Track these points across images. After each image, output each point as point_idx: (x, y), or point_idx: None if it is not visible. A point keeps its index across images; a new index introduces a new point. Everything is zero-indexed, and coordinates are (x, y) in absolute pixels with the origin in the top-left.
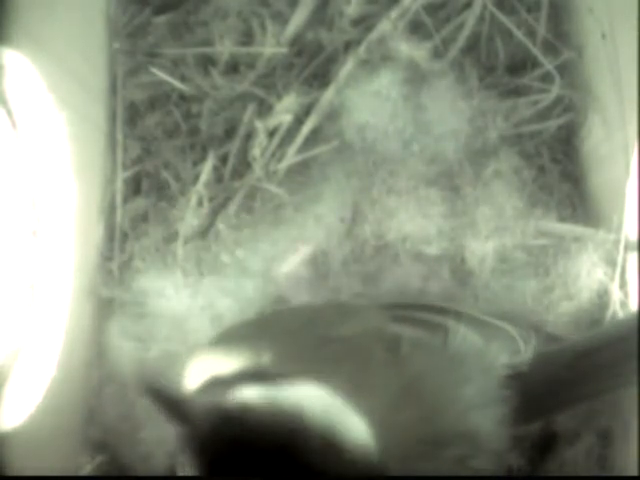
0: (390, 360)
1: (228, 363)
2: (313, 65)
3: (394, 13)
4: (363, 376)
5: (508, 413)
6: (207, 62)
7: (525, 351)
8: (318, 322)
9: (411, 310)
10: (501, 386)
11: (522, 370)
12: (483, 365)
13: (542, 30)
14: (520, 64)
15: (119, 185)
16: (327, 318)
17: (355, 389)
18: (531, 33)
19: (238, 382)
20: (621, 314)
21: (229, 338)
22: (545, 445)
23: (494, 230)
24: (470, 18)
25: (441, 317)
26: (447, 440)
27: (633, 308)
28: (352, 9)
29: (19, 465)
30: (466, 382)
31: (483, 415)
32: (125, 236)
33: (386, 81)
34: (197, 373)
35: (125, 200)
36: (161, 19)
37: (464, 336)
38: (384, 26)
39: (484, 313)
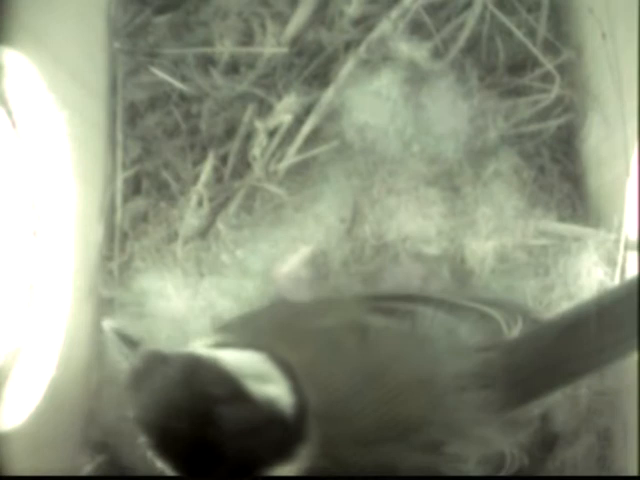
0: (359, 348)
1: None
2: (313, 65)
3: (394, 13)
4: (333, 363)
5: (492, 396)
6: (207, 62)
7: (508, 334)
8: (303, 315)
9: (385, 301)
10: (480, 367)
11: (505, 349)
12: (455, 346)
13: (542, 30)
14: (520, 64)
15: (119, 185)
16: (311, 312)
17: (325, 374)
18: (531, 33)
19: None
20: None
21: (223, 329)
22: (546, 444)
23: (494, 230)
24: (470, 18)
25: (412, 304)
26: (417, 425)
27: None
28: (352, 9)
29: (19, 465)
30: (437, 365)
31: (458, 399)
32: (125, 236)
33: (386, 81)
34: None
35: (125, 200)
36: (161, 19)
37: (432, 319)
38: (384, 26)
39: (464, 298)
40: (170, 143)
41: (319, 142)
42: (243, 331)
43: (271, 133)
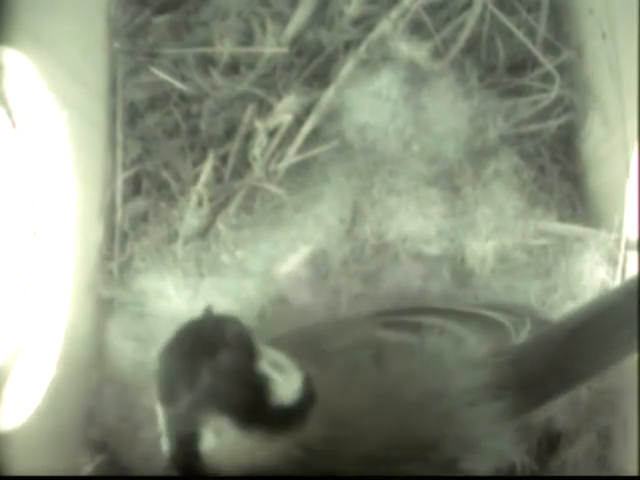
0: (374, 367)
1: None
2: (313, 65)
3: (394, 13)
4: (350, 384)
5: (503, 405)
6: (207, 62)
7: (516, 338)
8: (319, 337)
9: (395, 315)
10: (490, 378)
11: (513, 356)
12: (464, 358)
13: (542, 30)
14: (520, 64)
15: (119, 185)
16: (326, 333)
17: (342, 396)
18: (531, 33)
19: None
20: None
21: None
22: (549, 444)
23: (494, 230)
24: (470, 18)
25: (420, 317)
26: (432, 443)
27: None
28: (352, 9)
29: (19, 465)
30: (448, 380)
31: (471, 413)
32: (125, 236)
33: (386, 81)
34: None
35: (125, 200)
36: (161, 19)
37: (440, 331)
38: (384, 26)
39: (472, 306)
40: (170, 143)
41: (319, 142)
42: None
43: (271, 133)
